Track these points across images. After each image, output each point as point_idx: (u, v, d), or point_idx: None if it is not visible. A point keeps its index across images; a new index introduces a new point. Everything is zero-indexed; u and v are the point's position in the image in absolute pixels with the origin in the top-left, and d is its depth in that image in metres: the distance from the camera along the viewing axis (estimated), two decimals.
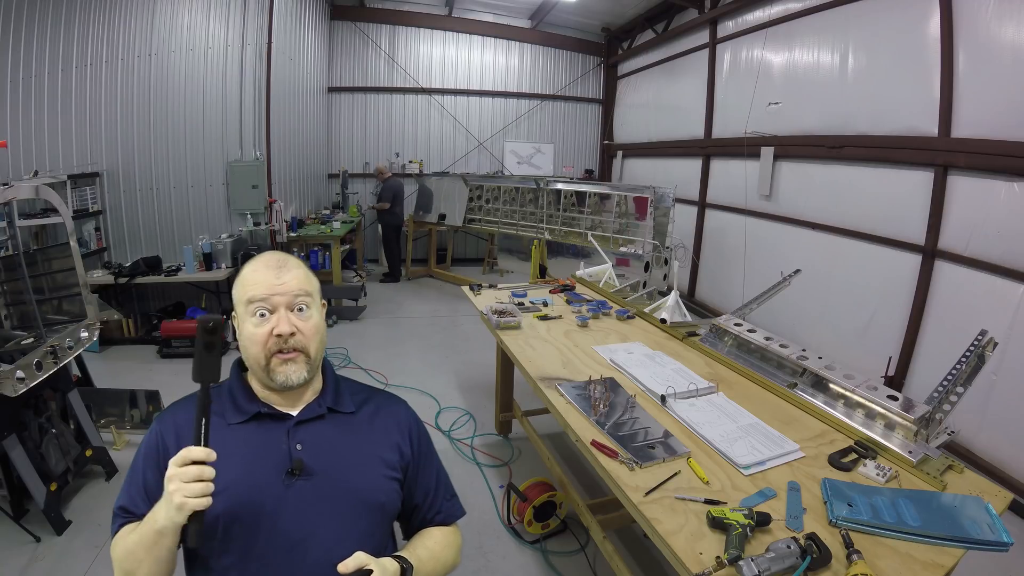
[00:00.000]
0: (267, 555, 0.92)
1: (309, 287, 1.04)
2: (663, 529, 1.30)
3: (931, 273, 3.68)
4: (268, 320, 0.99)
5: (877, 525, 1.28)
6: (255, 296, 0.99)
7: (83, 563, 2.30)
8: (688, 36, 6.86)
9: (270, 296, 0.99)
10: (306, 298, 1.02)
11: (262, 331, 0.98)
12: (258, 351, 0.99)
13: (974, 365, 1.73)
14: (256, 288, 1.00)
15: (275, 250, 1.15)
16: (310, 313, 1.02)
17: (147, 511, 0.91)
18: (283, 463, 0.98)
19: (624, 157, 8.75)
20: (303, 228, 6.42)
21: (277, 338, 0.98)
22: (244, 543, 0.92)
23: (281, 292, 0.99)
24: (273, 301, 0.99)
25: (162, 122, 5.05)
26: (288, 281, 1.01)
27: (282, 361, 0.99)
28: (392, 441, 1.11)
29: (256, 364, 1.01)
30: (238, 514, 0.92)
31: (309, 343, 1.01)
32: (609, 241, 5.65)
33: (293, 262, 1.05)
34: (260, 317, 0.99)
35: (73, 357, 2.67)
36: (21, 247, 2.80)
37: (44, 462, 2.52)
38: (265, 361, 0.99)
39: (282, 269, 1.02)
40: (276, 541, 0.93)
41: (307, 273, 1.06)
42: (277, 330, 0.98)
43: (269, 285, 0.99)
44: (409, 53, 8.48)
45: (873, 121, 4.17)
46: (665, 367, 2.24)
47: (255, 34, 5.31)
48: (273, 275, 1.01)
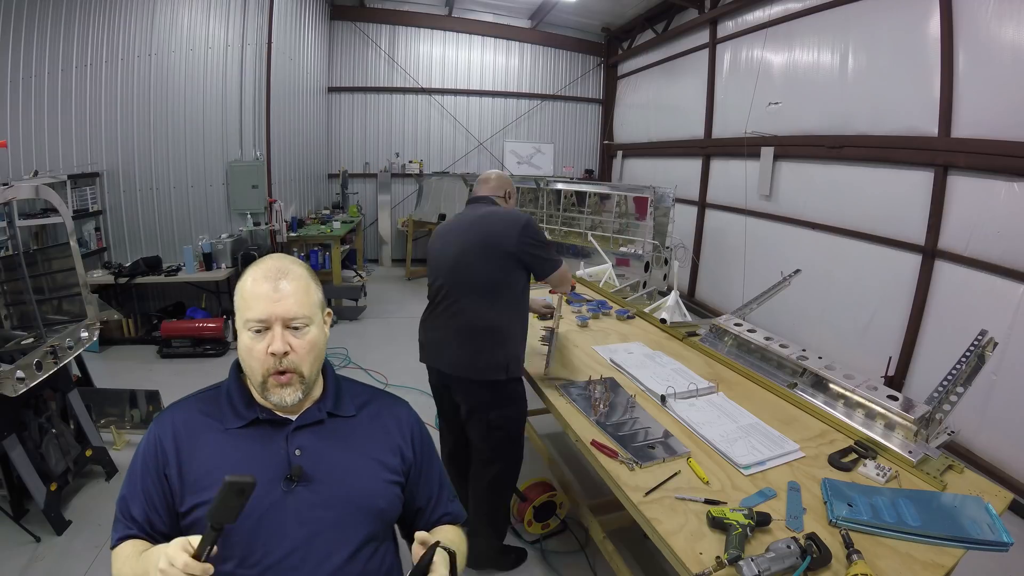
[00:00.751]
0: (266, 561, 0.92)
1: (307, 302, 1.00)
2: (663, 529, 1.30)
3: (931, 273, 3.68)
4: (264, 337, 0.97)
5: (877, 525, 1.28)
6: (253, 314, 0.97)
7: (83, 563, 2.30)
8: (688, 36, 6.86)
9: (267, 313, 0.97)
10: (304, 317, 0.99)
11: (259, 347, 0.97)
12: (256, 367, 0.98)
13: (974, 365, 1.73)
14: (253, 301, 0.98)
15: (278, 253, 1.13)
16: (307, 330, 1.00)
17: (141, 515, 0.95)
18: (282, 469, 0.97)
19: (624, 157, 8.75)
20: (303, 228, 6.42)
21: (272, 356, 0.97)
22: (243, 550, 0.92)
23: (278, 310, 0.97)
24: (269, 318, 0.97)
25: (162, 122, 5.04)
26: (285, 298, 0.98)
27: (277, 384, 0.98)
28: (394, 444, 1.10)
29: (253, 379, 1.00)
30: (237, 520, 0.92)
31: (303, 362, 0.99)
32: (609, 241, 5.66)
33: (294, 272, 1.01)
34: (256, 333, 0.98)
35: (73, 357, 2.67)
36: (21, 247, 2.80)
37: (44, 462, 2.52)
38: (261, 379, 0.98)
39: (280, 282, 0.98)
40: (275, 547, 0.93)
41: (308, 284, 1.02)
42: (271, 348, 0.96)
43: (266, 302, 0.97)
44: (409, 53, 8.48)
45: (873, 121, 4.17)
46: (665, 367, 2.24)
47: (255, 34, 5.31)
48: (271, 288, 0.98)
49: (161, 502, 0.96)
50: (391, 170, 8.43)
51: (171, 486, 0.96)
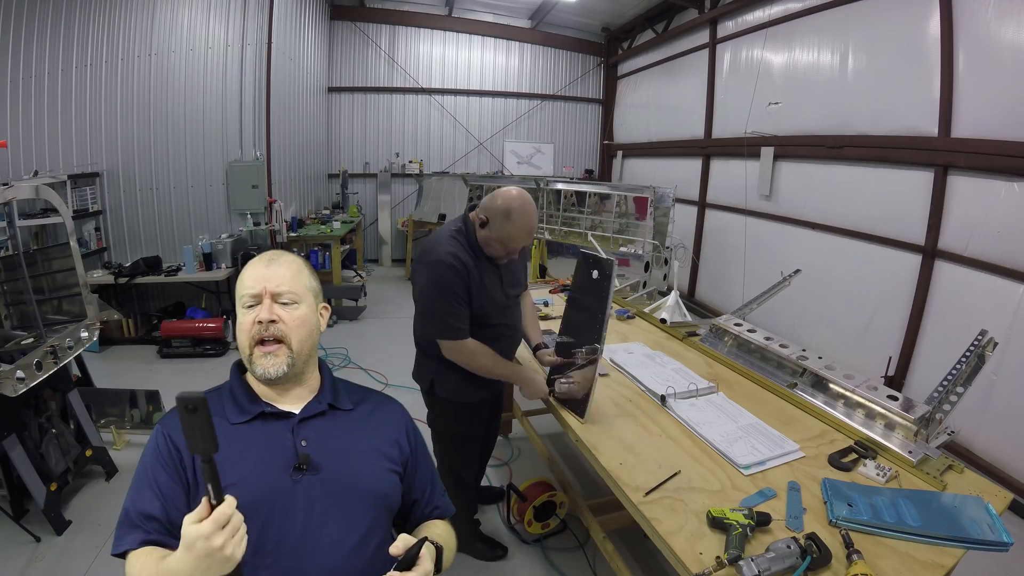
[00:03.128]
0: (278, 549, 0.94)
1: (297, 282, 1.06)
2: (663, 529, 1.30)
3: (931, 273, 3.68)
4: (254, 309, 1.03)
5: (877, 525, 1.28)
6: (245, 290, 1.03)
7: (83, 563, 2.30)
8: (688, 36, 6.85)
9: (257, 287, 1.03)
10: (292, 293, 1.04)
11: (248, 319, 1.02)
12: (244, 339, 1.03)
13: (974, 365, 1.73)
14: (246, 280, 1.04)
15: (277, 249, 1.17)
16: (297, 307, 1.05)
17: (160, 513, 0.92)
18: (289, 459, 1.00)
19: (624, 157, 8.75)
20: (303, 228, 6.41)
21: (258, 325, 1.01)
22: (256, 538, 0.93)
23: (268, 284, 1.03)
24: (260, 292, 1.02)
25: (162, 122, 5.04)
26: (276, 274, 1.04)
27: (263, 353, 1.02)
28: (391, 437, 1.13)
29: (244, 355, 1.04)
30: (249, 511, 0.92)
31: (291, 333, 1.03)
32: (609, 241, 5.65)
33: (288, 258, 1.08)
34: (248, 308, 1.03)
35: (73, 357, 2.66)
36: (21, 247, 2.80)
37: (44, 462, 2.52)
38: (249, 351, 1.02)
39: (273, 263, 1.06)
40: (287, 535, 0.95)
41: (301, 269, 1.08)
42: (258, 317, 1.01)
43: (258, 277, 1.03)
44: (409, 53, 8.48)
45: (873, 121, 4.17)
46: (665, 367, 2.24)
47: (255, 34, 5.31)
48: (263, 267, 1.05)
49: (180, 499, 0.95)
50: (391, 170, 8.42)
51: (187, 479, 0.97)
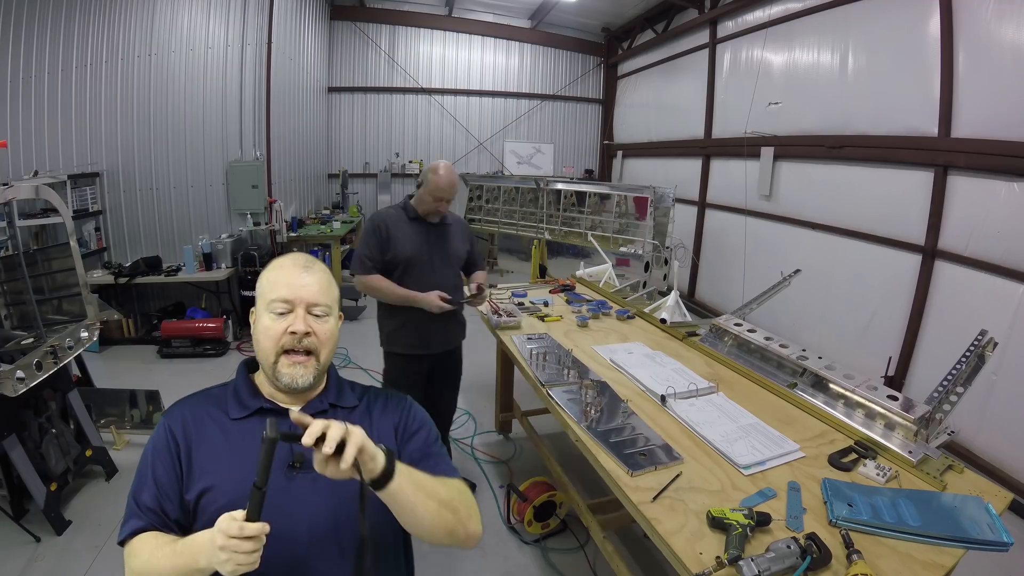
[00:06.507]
0: (271, 546, 0.93)
1: (331, 293, 1.05)
2: (663, 529, 1.30)
3: (931, 273, 3.68)
4: (285, 318, 1.01)
5: (877, 525, 1.28)
6: (277, 294, 1.01)
7: (83, 563, 2.30)
8: (688, 36, 6.86)
9: (292, 295, 1.01)
10: (325, 306, 1.03)
11: (277, 327, 1.00)
12: (270, 346, 1.00)
13: (974, 365, 1.73)
14: (279, 285, 1.01)
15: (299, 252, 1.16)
16: (328, 319, 1.04)
17: (158, 507, 0.94)
18: (284, 456, 0.99)
19: (624, 157, 8.75)
20: (303, 228, 6.41)
21: (291, 336, 0.99)
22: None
23: (303, 293, 1.01)
24: (294, 300, 1.01)
25: (162, 122, 5.04)
26: (311, 284, 1.02)
27: (291, 363, 1.00)
28: (389, 428, 1.12)
29: (266, 360, 1.02)
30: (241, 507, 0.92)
31: (322, 347, 1.02)
32: (609, 241, 5.65)
33: (320, 266, 1.07)
34: (278, 314, 1.01)
35: (73, 357, 2.66)
36: (21, 247, 2.80)
37: (44, 462, 2.52)
38: (275, 358, 1.00)
39: (308, 271, 1.04)
40: (280, 532, 0.94)
41: (331, 280, 1.08)
42: (292, 328, 0.99)
43: (292, 284, 1.01)
44: (409, 53, 8.48)
45: (873, 121, 4.17)
46: (665, 367, 2.24)
47: (255, 34, 5.31)
48: (298, 275, 1.03)
49: (173, 489, 0.97)
50: (391, 170, 8.43)
51: (182, 471, 0.97)
